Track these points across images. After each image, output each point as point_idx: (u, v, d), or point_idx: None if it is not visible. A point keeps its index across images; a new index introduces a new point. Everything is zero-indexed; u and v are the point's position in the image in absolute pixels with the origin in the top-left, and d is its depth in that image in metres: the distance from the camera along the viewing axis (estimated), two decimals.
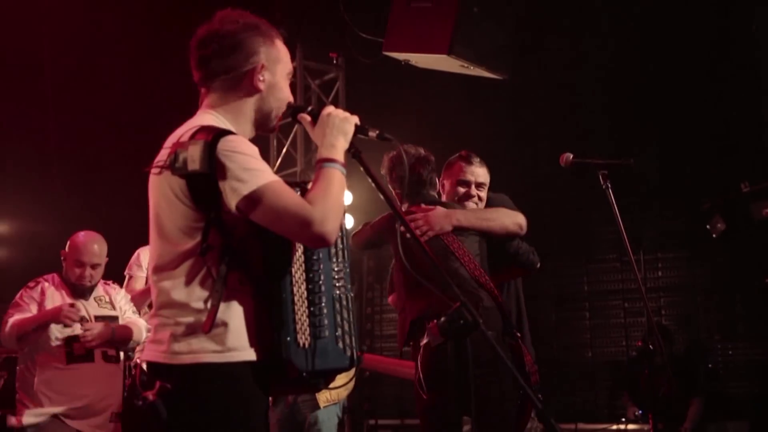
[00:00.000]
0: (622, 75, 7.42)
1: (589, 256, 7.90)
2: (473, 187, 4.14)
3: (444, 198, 4.17)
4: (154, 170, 2.36)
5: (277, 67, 2.48)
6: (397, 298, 4.02)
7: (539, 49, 7.31)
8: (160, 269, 2.34)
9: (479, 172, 4.18)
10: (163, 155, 2.35)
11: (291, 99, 2.52)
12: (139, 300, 5.06)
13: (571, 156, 4.02)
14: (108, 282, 4.99)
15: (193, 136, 2.29)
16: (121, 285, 5.13)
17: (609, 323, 7.77)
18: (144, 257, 5.09)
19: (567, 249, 7.88)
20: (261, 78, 2.43)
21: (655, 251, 7.44)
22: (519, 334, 3.87)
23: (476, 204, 4.14)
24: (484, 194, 4.18)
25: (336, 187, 2.32)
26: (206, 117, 2.43)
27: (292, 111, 2.51)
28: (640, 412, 6.52)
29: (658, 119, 7.31)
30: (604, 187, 3.88)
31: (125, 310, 4.94)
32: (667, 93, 7.23)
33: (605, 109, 7.47)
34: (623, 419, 6.74)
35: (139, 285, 5.14)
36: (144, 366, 2.37)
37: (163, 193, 2.32)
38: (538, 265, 4.09)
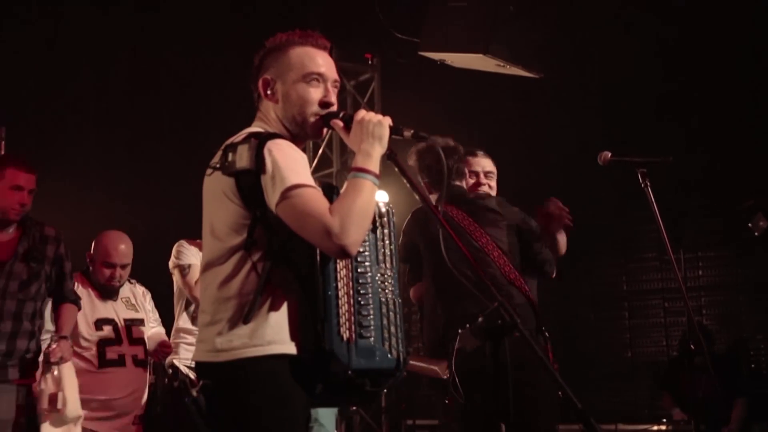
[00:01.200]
0: (661, 71, 7.34)
1: (628, 255, 7.83)
2: (482, 176, 4.23)
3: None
4: (207, 172, 2.46)
5: (287, 75, 2.52)
6: (424, 294, 4.02)
7: (575, 47, 7.25)
8: (209, 265, 2.42)
9: (485, 163, 4.27)
10: (216, 158, 2.45)
11: (318, 98, 2.51)
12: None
13: (609, 154, 3.98)
14: (132, 281, 4.99)
15: (243, 139, 2.39)
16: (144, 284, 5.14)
17: (649, 323, 7.70)
18: (187, 247, 5.05)
19: (606, 248, 7.82)
20: (270, 91, 2.54)
21: (695, 250, 7.35)
22: (548, 334, 3.83)
23: (489, 191, 4.22)
24: (493, 183, 4.27)
25: (363, 199, 2.31)
26: (254, 128, 2.53)
27: (325, 118, 2.51)
28: (679, 413, 6.45)
29: (700, 116, 7.22)
30: (642, 185, 3.83)
31: (150, 314, 4.96)
32: (707, 89, 7.13)
33: (645, 106, 7.38)
34: (664, 420, 6.66)
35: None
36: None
37: (214, 193, 2.41)
38: (552, 276, 4.13)
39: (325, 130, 2.55)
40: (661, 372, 7.22)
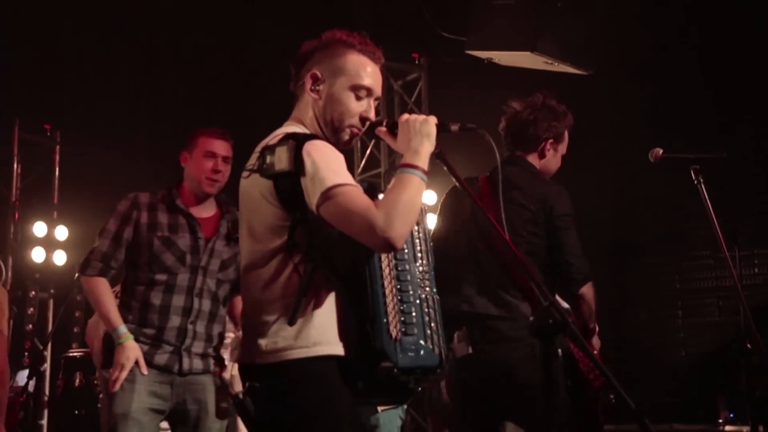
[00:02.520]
0: (714, 66, 7.21)
1: (681, 253, 7.70)
2: None
3: None
4: (244, 174, 2.46)
5: (338, 78, 2.49)
6: None
7: (624, 42, 7.16)
8: (249, 268, 2.42)
9: None
10: (252, 159, 2.44)
11: (360, 111, 2.50)
12: None
13: (661, 151, 3.91)
14: None
15: (280, 141, 2.37)
16: None
17: (703, 321, 7.57)
18: None
19: (658, 246, 7.71)
20: (315, 87, 2.50)
21: (751, 248, 7.20)
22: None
23: None
24: None
25: (409, 193, 2.30)
26: (290, 127, 2.51)
27: (370, 126, 2.51)
28: (732, 414, 6.32)
29: (752, 110, 7.08)
30: (695, 181, 3.77)
31: None
32: (760, 83, 6.99)
33: (698, 101, 7.26)
34: (720, 420, 6.55)
35: None
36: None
37: (252, 196, 2.41)
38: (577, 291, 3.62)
39: (351, 140, 2.53)
40: (715, 371, 7.10)
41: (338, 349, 2.32)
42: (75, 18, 7.43)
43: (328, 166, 2.29)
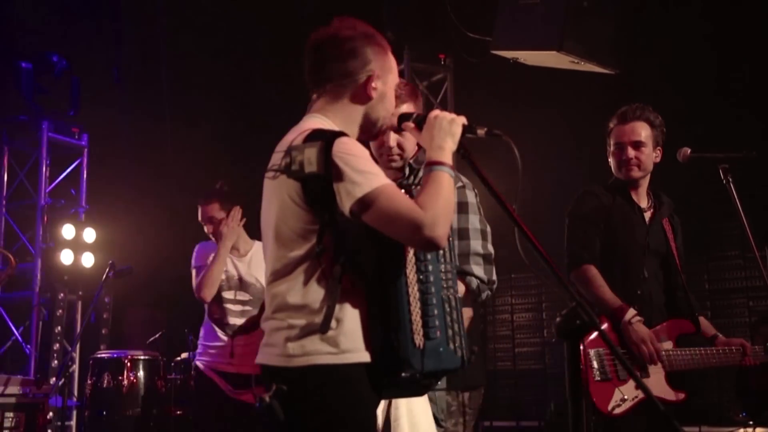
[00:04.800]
0: (739, 63, 7.14)
1: (710, 253, 7.63)
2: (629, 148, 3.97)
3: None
4: (268, 175, 2.42)
5: (389, 77, 2.52)
6: None
7: (650, 41, 7.10)
8: (276, 273, 2.39)
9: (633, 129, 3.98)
10: (276, 159, 2.40)
11: (396, 110, 2.56)
12: None
13: (689, 150, 3.91)
14: None
15: (307, 139, 2.33)
16: None
17: (733, 322, 7.48)
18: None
19: (687, 246, 7.63)
20: (374, 86, 2.47)
21: None
22: None
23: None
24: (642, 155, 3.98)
25: (445, 190, 2.32)
26: (315, 120, 2.46)
27: (399, 119, 2.54)
28: (744, 414, 6.26)
29: None
30: (724, 181, 3.75)
31: None
32: None
33: (725, 99, 7.19)
34: (750, 422, 6.48)
35: None
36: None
37: (278, 197, 2.37)
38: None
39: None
40: (745, 373, 7.01)
41: (366, 357, 2.32)
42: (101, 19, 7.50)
43: (361, 168, 2.27)
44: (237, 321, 4.99)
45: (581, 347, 3.48)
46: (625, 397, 3.66)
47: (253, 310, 4.98)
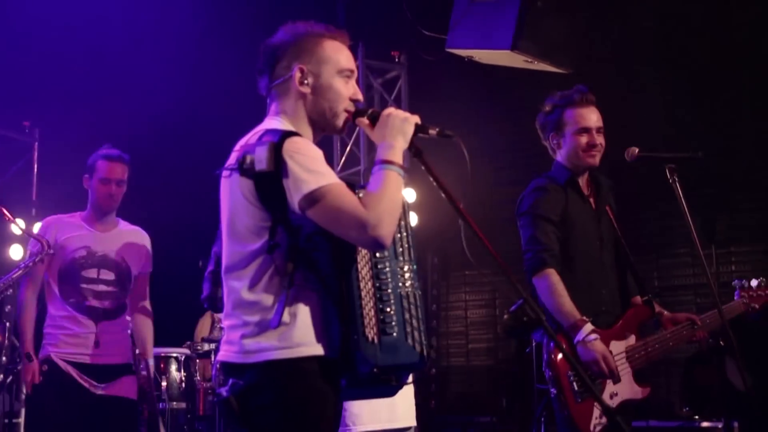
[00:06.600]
0: (688, 64, 7.27)
1: (659, 250, 7.76)
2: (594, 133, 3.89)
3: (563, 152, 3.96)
4: (224, 173, 2.47)
5: (322, 68, 2.52)
6: None
7: (602, 41, 7.20)
8: (230, 269, 2.43)
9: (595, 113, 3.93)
10: (232, 158, 2.45)
11: (349, 94, 2.54)
12: None
13: (637, 150, 3.94)
14: None
15: (260, 139, 2.38)
16: None
17: None
18: None
19: (637, 244, 7.75)
20: (305, 82, 2.50)
21: (728, 245, 7.27)
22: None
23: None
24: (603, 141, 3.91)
25: (392, 189, 2.34)
26: (272, 122, 2.52)
27: (353, 115, 2.54)
28: (687, 408, 6.40)
29: (731, 109, 7.14)
30: (671, 181, 3.80)
31: None
32: (734, 81, 7.06)
33: (671, 99, 7.32)
34: (696, 416, 6.61)
35: None
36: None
37: (232, 195, 2.42)
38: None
39: (345, 126, 2.57)
40: (691, 368, 7.15)
41: (319, 350, 2.35)
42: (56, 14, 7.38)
43: (310, 166, 2.30)
44: (99, 304, 4.52)
45: (556, 370, 3.51)
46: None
47: (118, 292, 4.58)
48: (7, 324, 7.18)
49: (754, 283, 4.02)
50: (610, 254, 3.95)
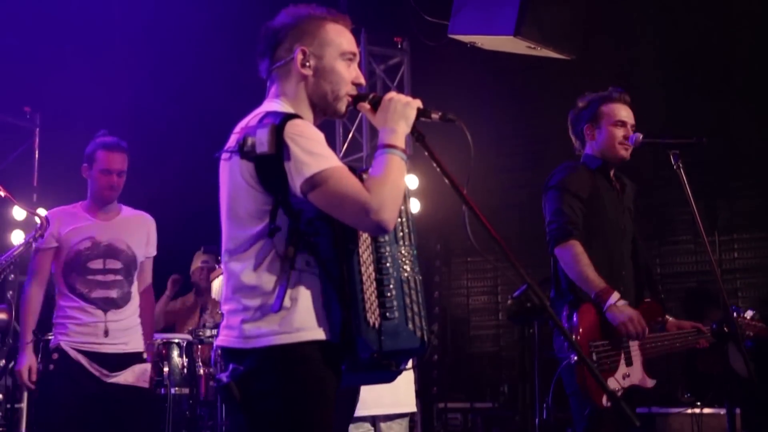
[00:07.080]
0: (693, 51, 7.24)
1: (662, 237, 7.75)
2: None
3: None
4: (224, 156, 2.44)
5: (324, 50, 2.50)
6: None
7: (606, 27, 7.17)
8: (230, 252, 2.41)
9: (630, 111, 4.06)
10: (231, 141, 2.43)
11: (352, 78, 2.53)
12: None
13: (641, 136, 3.95)
14: None
15: (260, 121, 2.35)
16: None
17: (683, 306, 7.61)
18: None
19: (639, 231, 7.74)
20: (307, 64, 2.48)
21: (731, 232, 7.26)
22: None
23: None
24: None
25: (394, 174, 2.33)
26: (272, 104, 2.50)
27: (354, 99, 2.52)
28: (688, 395, 6.40)
29: (735, 95, 7.11)
30: (675, 167, 3.80)
31: None
32: (739, 69, 7.03)
33: (677, 86, 7.29)
34: (698, 403, 6.61)
35: None
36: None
37: (232, 178, 2.39)
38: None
39: (347, 109, 2.55)
40: (693, 355, 7.14)
41: (320, 334, 2.34)
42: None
43: (311, 148, 2.29)
44: (107, 294, 4.51)
45: (577, 338, 3.56)
46: (615, 387, 3.68)
47: (124, 280, 4.56)
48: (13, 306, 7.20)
49: (749, 314, 4.16)
50: (628, 247, 4.04)
